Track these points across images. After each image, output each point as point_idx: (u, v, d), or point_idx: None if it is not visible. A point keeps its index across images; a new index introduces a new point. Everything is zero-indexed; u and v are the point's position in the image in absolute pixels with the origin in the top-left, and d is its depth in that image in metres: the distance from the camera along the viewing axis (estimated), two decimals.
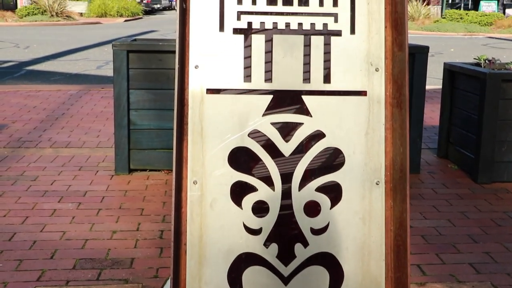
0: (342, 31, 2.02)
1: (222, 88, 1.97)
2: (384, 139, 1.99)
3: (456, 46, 17.64)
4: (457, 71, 5.01)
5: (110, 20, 30.87)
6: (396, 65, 1.97)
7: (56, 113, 6.73)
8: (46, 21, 26.50)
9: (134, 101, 4.63)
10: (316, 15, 2.01)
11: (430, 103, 7.21)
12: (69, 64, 12.18)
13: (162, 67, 4.67)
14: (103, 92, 8.18)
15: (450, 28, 24.86)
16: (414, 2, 29.35)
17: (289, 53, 2.00)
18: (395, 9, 1.99)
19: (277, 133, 1.98)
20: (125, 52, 4.57)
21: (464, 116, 4.86)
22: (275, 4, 2.00)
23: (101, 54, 14.14)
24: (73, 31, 22.29)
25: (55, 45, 15.90)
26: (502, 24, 25.40)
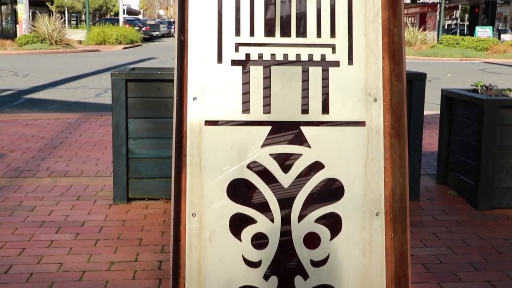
0: (340, 62, 2.02)
1: (221, 120, 1.97)
2: (384, 170, 1.99)
3: (453, 71, 17.75)
4: (455, 97, 5.03)
5: (109, 47, 31.06)
6: (395, 95, 1.98)
7: (54, 142, 6.72)
8: (45, 49, 26.66)
9: (133, 130, 4.62)
10: (314, 46, 2.02)
11: (428, 129, 7.22)
12: (68, 92, 12.22)
13: (161, 96, 4.68)
14: (101, 120, 8.19)
15: (447, 53, 25.06)
16: (411, 28, 29.63)
17: (287, 84, 2.00)
18: (393, 40, 2.00)
19: (276, 164, 1.97)
20: (124, 81, 4.58)
21: (463, 142, 4.86)
22: (273, 36, 2.01)
23: (99, 81, 14.20)
24: (72, 59, 22.42)
25: (54, 73, 15.98)
26: (497, 50, 25.62)
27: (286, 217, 1.98)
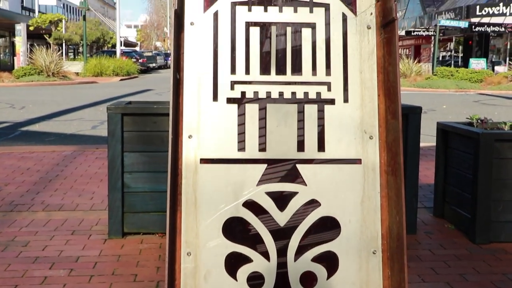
0: (335, 100, 2.03)
1: (216, 158, 1.97)
2: (380, 207, 1.97)
3: (448, 103, 17.86)
4: (451, 130, 5.04)
5: (106, 79, 31.22)
6: (390, 133, 1.98)
7: (49, 175, 6.68)
8: (42, 81, 26.78)
9: (128, 163, 4.61)
10: (309, 84, 2.03)
11: (425, 161, 7.22)
12: (64, 125, 12.22)
13: (157, 129, 4.68)
14: (97, 153, 8.17)
15: (442, 85, 25.26)
16: (406, 60, 29.92)
17: (283, 122, 2.00)
18: (388, 78, 2.01)
19: (272, 202, 1.96)
20: (120, 115, 4.58)
21: (459, 176, 4.86)
22: (269, 74, 2.02)
23: (96, 114, 14.22)
24: (69, 91, 22.50)
25: (51, 105, 16.01)
26: (491, 81, 25.85)
27: (282, 256, 1.96)
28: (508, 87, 24.24)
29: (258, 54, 2.02)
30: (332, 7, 2.07)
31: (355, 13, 2.07)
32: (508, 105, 17.35)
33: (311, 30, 2.05)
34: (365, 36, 2.05)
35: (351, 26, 2.06)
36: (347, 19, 2.07)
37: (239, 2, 2.05)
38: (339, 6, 2.08)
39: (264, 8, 2.05)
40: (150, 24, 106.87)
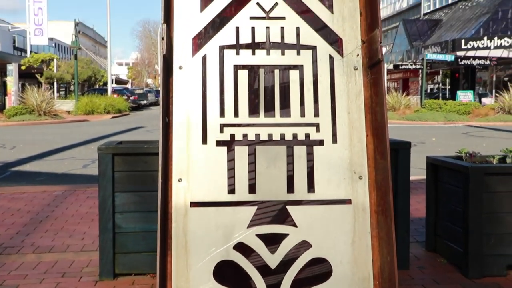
0: (324, 141, 2.05)
1: (206, 201, 1.97)
2: (371, 248, 1.97)
3: (437, 135, 17.98)
4: (440, 164, 5.07)
5: (97, 117, 31.25)
6: (379, 173, 1.99)
7: (40, 216, 6.62)
8: (33, 120, 26.75)
9: (119, 204, 4.58)
10: (298, 125, 2.05)
11: (415, 194, 7.22)
12: (55, 164, 12.16)
13: (148, 169, 4.66)
14: (88, 192, 8.12)
15: (431, 117, 25.48)
16: (394, 93, 30.22)
17: (272, 163, 2.01)
18: (375, 118, 2.03)
19: (262, 244, 1.95)
20: (110, 156, 4.57)
21: (450, 210, 4.86)
22: (257, 116, 2.04)
23: (87, 152, 14.18)
24: (60, 130, 22.47)
25: (42, 145, 15.96)
26: (479, 113, 26.13)
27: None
28: (495, 119, 24.50)
29: (246, 97, 2.05)
30: (319, 49, 2.11)
31: (341, 55, 2.11)
32: (496, 137, 17.49)
33: (298, 72, 2.08)
34: (352, 77, 2.08)
35: (338, 68, 2.09)
36: (334, 61, 2.10)
37: (227, 46, 2.08)
38: (326, 48, 2.12)
39: (252, 51, 2.09)
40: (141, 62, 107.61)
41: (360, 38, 2.13)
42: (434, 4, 48.25)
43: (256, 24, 2.12)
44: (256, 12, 2.14)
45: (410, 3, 53.82)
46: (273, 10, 2.14)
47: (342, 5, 2.16)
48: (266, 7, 2.15)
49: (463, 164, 4.66)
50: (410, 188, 4.84)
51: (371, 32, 2.08)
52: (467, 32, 34.32)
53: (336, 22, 2.13)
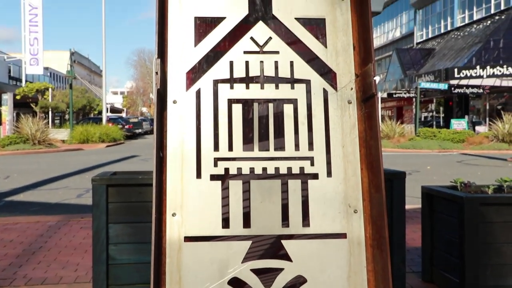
0: (319, 174, 2.04)
1: (200, 236, 1.95)
2: (367, 282, 1.95)
3: (432, 164, 18.01)
4: (435, 194, 5.06)
5: (92, 146, 31.22)
6: (374, 206, 1.98)
7: (33, 247, 6.56)
8: (28, 149, 26.68)
9: (113, 235, 4.54)
10: (292, 159, 2.05)
11: (411, 224, 7.20)
12: (49, 194, 12.10)
13: (142, 200, 4.64)
14: (82, 222, 8.06)
15: (425, 146, 25.56)
16: (389, 122, 30.34)
17: (267, 197, 2.00)
18: (370, 152, 2.03)
19: (257, 279, 1.93)
20: (105, 187, 4.56)
21: (446, 240, 4.84)
22: (252, 150, 2.04)
23: (81, 181, 14.12)
24: (55, 159, 22.41)
25: (36, 174, 15.90)
26: (473, 141, 26.24)
27: None
28: (489, 147, 24.59)
29: (241, 131, 2.05)
30: (313, 82, 2.12)
31: (335, 88, 2.12)
32: (490, 165, 17.54)
33: (293, 105, 2.09)
34: (346, 111, 2.09)
35: (332, 101, 2.10)
36: (328, 94, 2.11)
37: (221, 80, 2.09)
38: (320, 82, 2.13)
39: (246, 85, 2.10)
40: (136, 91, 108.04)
41: (354, 72, 2.14)
42: (426, 33, 48.84)
43: (250, 58, 2.13)
44: (250, 47, 2.15)
45: (403, 32, 54.46)
46: (267, 44, 2.16)
47: (336, 39, 2.18)
48: (260, 42, 2.16)
49: (458, 194, 4.66)
50: (405, 218, 4.82)
51: (364, 66, 2.10)
52: (460, 61, 34.68)
53: (330, 56, 2.15)
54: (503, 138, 25.28)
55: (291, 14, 2.20)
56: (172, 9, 2.18)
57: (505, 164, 17.84)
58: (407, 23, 53.65)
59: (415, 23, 51.05)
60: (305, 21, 2.19)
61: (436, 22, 46.87)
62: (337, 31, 2.17)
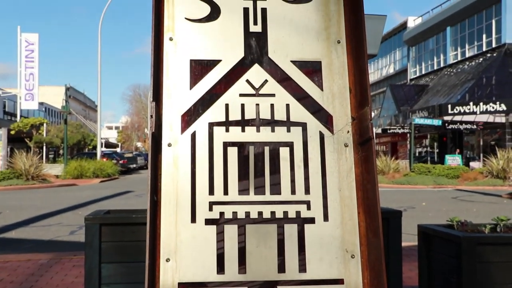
0: (315, 219, 2.01)
1: (195, 281, 1.91)
2: None
3: (427, 200, 17.97)
4: (432, 233, 5.02)
5: (86, 181, 31.06)
6: (372, 252, 1.95)
7: (23, 286, 6.44)
8: (21, 185, 26.51)
9: (106, 275, 4.47)
10: (288, 203, 2.02)
11: (407, 262, 7.12)
12: (41, 230, 11.96)
13: (136, 239, 4.59)
14: (75, 261, 7.94)
15: (420, 181, 25.54)
16: (383, 157, 30.40)
17: (262, 242, 1.97)
18: (367, 195, 2.01)
19: None
20: (98, 226, 4.51)
21: (443, 279, 4.78)
22: (247, 194, 2.01)
23: (75, 218, 13.99)
24: (48, 194, 22.26)
25: (29, 210, 15.76)
26: (468, 177, 26.25)
27: None
28: (484, 183, 24.60)
29: (236, 174, 2.02)
30: (309, 126, 2.11)
31: (332, 132, 2.10)
32: (485, 202, 17.51)
33: (289, 149, 2.08)
34: (342, 154, 2.07)
35: (329, 144, 2.09)
36: (325, 137, 2.10)
37: (216, 123, 2.08)
38: (316, 125, 2.12)
39: (241, 128, 2.08)
40: (131, 125, 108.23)
41: (350, 114, 2.14)
42: (420, 70, 49.38)
43: (246, 101, 2.12)
44: (246, 89, 2.15)
45: (397, 69, 55.06)
46: (263, 87, 2.15)
47: (332, 82, 2.18)
48: (255, 84, 2.16)
49: (455, 234, 4.62)
50: (402, 257, 4.77)
51: (361, 109, 2.09)
52: (453, 98, 34.98)
53: (326, 99, 2.14)
54: (498, 174, 25.31)
55: (287, 57, 2.20)
56: (167, 51, 2.18)
57: (500, 201, 17.82)
58: (401, 60, 54.29)
59: (408, 60, 51.67)
60: (301, 64, 2.19)
61: (429, 59, 47.46)
62: (333, 74, 2.17)
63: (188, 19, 2.23)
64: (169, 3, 2.23)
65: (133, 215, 5.02)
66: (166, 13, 2.22)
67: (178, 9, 2.23)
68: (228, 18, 2.23)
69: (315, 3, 2.27)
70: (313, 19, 2.25)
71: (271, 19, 2.23)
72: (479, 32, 39.23)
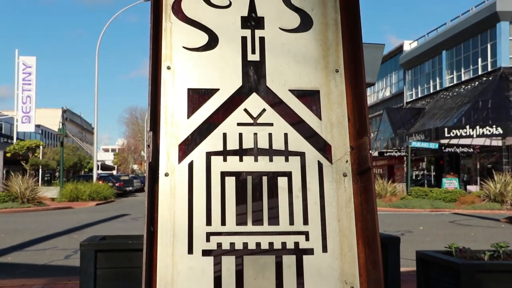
0: (314, 250, 1.98)
1: None
2: None
3: (424, 224, 17.89)
4: (430, 260, 4.98)
5: (81, 204, 30.89)
6: (372, 283, 1.92)
7: None
8: (16, 208, 26.32)
9: None
10: (287, 234, 1.99)
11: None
12: (36, 255, 11.84)
13: (131, 265, 4.54)
14: (70, 286, 7.84)
15: (417, 205, 25.47)
16: (380, 181, 30.35)
17: (260, 274, 1.94)
18: (366, 226, 1.98)
19: None
20: (93, 252, 4.46)
21: None
22: (245, 224, 1.99)
23: (70, 242, 13.87)
24: (44, 217, 22.11)
25: (24, 234, 15.62)
26: (465, 200, 26.18)
27: None
28: (481, 207, 24.53)
29: (234, 204, 2.00)
30: (308, 155, 2.09)
31: (330, 161, 2.09)
32: (483, 226, 17.45)
33: (287, 178, 2.05)
34: (341, 184, 2.05)
35: (327, 174, 2.07)
36: (323, 167, 2.08)
37: (214, 152, 2.06)
38: (315, 154, 2.10)
39: (239, 157, 2.06)
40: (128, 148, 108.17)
41: (349, 144, 2.12)
42: (416, 93, 49.62)
43: (244, 130, 2.11)
44: (244, 118, 2.13)
45: (393, 92, 55.32)
46: (261, 116, 2.14)
47: (330, 111, 2.16)
48: (253, 113, 2.15)
49: (454, 261, 4.58)
50: (400, 284, 4.72)
51: (360, 139, 2.08)
52: (449, 121, 35.09)
53: (324, 128, 2.13)
54: (495, 197, 25.26)
55: (285, 86, 2.20)
56: (165, 80, 2.17)
57: (498, 225, 17.76)
58: (397, 83, 54.58)
59: (404, 83, 51.95)
60: (299, 93, 2.19)
61: (425, 82, 47.72)
62: (331, 103, 2.16)
63: (186, 48, 2.22)
64: (167, 32, 2.23)
65: (129, 241, 4.97)
66: (164, 42, 2.22)
67: (176, 38, 2.23)
68: (226, 47, 2.23)
69: (313, 32, 2.27)
70: (311, 48, 2.25)
71: (269, 48, 2.22)
72: (475, 56, 39.54)
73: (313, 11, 2.29)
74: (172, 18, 2.24)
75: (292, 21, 2.28)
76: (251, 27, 2.23)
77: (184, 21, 2.24)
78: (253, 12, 2.25)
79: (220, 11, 2.25)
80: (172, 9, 2.25)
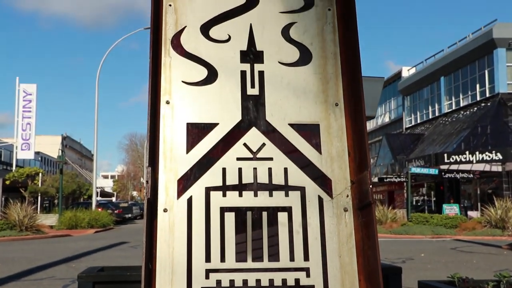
0: (315, 286, 1.95)
1: None
2: None
3: (425, 251, 17.76)
4: None
5: (80, 231, 30.71)
6: None
7: None
8: (14, 236, 26.15)
9: None
10: (287, 270, 1.96)
11: None
12: (33, 285, 11.71)
13: None
14: None
15: (418, 231, 25.32)
16: (381, 207, 30.23)
17: None
18: (368, 262, 1.95)
19: None
20: (91, 284, 4.40)
21: None
22: (245, 261, 1.95)
23: (68, 271, 13.74)
24: (42, 246, 21.94)
25: (21, 263, 15.48)
26: (466, 227, 26.02)
27: None
28: (482, 233, 24.38)
29: (233, 240, 1.97)
30: (308, 190, 2.07)
31: (331, 196, 2.06)
32: (485, 252, 17.32)
33: (287, 214, 2.03)
34: (342, 219, 2.02)
35: (328, 209, 2.04)
36: (324, 202, 2.05)
37: (213, 187, 2.04)
38: (315, 189, 2.08)
39: (239, 193, 2.04)
40: (127, 175, 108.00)
41: (350, 178, 2.10)
42: (415, 119, 49.73)
43: (243, 165, 2.09)
44: (243, 153, 2.12)
45: (392, 118, 55.46)
46: (261, 150, 2.12)
47: (330, 146, 2.15)
48: (253, 148, 2.13)
49: None
50: None
51: (360, 173, 2.06)
52: (449, 146, 35.11)
53: (324, 162, 2.11)
54: (496, 223, 25.12)
55: (285, 120, 2.19)
56: (164, 115, 2.16)
57: (500, 252, 17.63)
58: (396, 109, 54.76)
59: (403, 109, 52.11)
60: (299, 127, 2.18)
61: (424, 108, 47.87)
62: (331, 137, 2.15)
63: (185, 82, 2.22)
64: (166, 66, 2.23)
65: (127, 272, 4.91)
66: (163, 76, 2.21)
67: (175, 72, 2.23)
68: (225, 81, 2.22)
69: (312, 66, 2.27)
70: (310, 82, 2.24)
71: (269, 82, 2.22)
72: (473, 82, 39.73)
73: (312, 45, 2.29)
74: (171, 52, 2.25)
75: (291, 55, 2.28)
76: (251, 61, 2.23)
77: (183, 55, 2.24)
78: (252, 46, 2.25)
79: (219, 45, 2.25)
80: (171, 44, 2.25)
